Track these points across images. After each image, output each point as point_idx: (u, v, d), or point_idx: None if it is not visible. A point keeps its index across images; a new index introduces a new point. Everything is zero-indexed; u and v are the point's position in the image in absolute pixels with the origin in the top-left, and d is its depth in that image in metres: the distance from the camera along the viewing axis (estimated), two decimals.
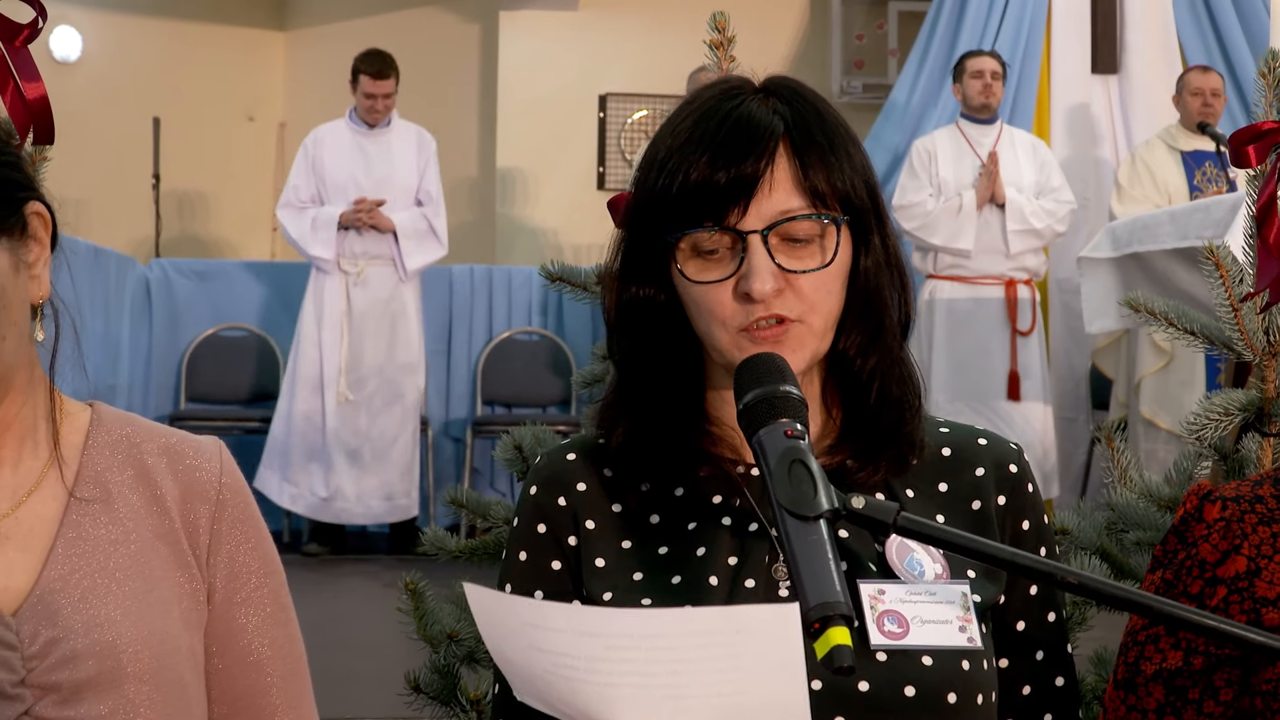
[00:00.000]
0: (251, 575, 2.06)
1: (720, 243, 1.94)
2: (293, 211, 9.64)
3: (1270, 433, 3.45)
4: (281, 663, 2.08)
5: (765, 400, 1.81)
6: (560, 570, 2.03)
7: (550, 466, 2.08)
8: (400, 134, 9.81)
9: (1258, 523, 2.04)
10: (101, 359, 9.46)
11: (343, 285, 9.57)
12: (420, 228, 9.61)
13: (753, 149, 1.92)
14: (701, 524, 2.00)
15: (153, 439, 2.06)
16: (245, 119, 13.89)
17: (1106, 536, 3.68)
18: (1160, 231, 7.31)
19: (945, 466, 2.07)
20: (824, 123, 1.97)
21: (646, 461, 2.02)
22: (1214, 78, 9.75)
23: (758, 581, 1.96)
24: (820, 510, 1.70)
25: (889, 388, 2.01)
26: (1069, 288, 9.96)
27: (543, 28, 12.92)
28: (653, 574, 1.98)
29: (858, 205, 1.98)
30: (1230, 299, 3.43)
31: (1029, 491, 2.09)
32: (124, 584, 1.95)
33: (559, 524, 2.04)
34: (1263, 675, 1.99)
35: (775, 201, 1.93)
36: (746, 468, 2.02)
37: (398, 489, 9.65)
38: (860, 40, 13.01)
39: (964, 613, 1.94)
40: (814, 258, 1.94)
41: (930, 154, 9.73)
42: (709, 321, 1.95)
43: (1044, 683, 2.09)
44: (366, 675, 6.66)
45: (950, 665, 1.92)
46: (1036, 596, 2.07)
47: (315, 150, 9.73)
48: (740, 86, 2.00)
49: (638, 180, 2.01)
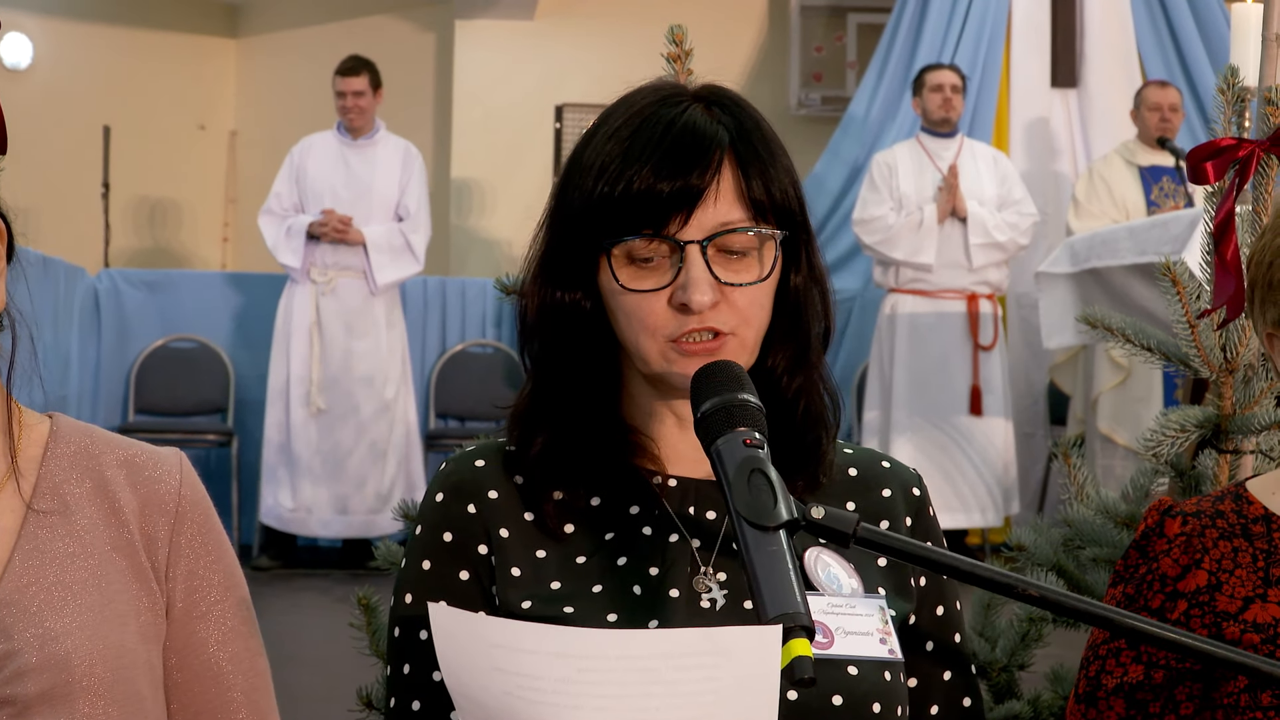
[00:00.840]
0: (212, 589, 2.03)
1: (657, 251, 1.92)
2: (273, 218, 9.64)
3: (1227, 449, 3.45)
4: (244, 677, 2.05)
5: (723, 409, 1.79)
6: (468, 580, 1.99)
7: (458, 473, 2.04)
8: (386, 146, 9.83)
9: (1219, 537, 2.06)
10: (50, 370, 9.37)
11: (312, 295, 9.55)
12: (396, 243, 9.61)
13: (699, 160, 1.91)
14: (620, 534, 1.98)
15: (112, 450, 2.03)
16: (196, 127, 13.84)
17: (1063, 553, 3.67)
18: (1119, 247, 7.31)
19: (853, 486, 2.08)
20: (764, 135, 1.97)
21: (563, 470, 1.99)
22: (1172, 93, 9.76)
23: (681, 592, 1.94)
24: (780, 520, 1.68)
25: (813, 405, 2.01)
26: (1027, 303, 9.97)
27: (499, 38, 12.89)
28: (572, 583, 1.95)
29: (792, 219, 1.97)
30: (1187, 315, 3.45)
31: (930, 515, 2.12)
32: (81, 597, 1.92)
33: (468, 532, 2.00)
34: (1224, 689, 2.00)
35: (717, 213, 1.91)
36: (664, 478, 2.01)
37: (353, 503, 9.59)
38: (819, 53, 13.00)
39: (883, 625, 1.96)
40: (750, 271, 1.93)
41: (890, 167, 9.72)
42: (638, 331, 1.93)
43: (951, 702, 2.10)
44: (317, 691, 6.59)
45: (874, 676, 1.92)
46: (944, 617, 2.09)
47: (301, 159, 9.75)
48: (678, 93, 1.98)
49: (567, 183, 1.98)
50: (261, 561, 9.65)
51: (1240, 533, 2.06)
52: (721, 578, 1.95)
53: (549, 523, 1.98)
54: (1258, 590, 2.02)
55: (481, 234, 12.91)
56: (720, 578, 1.95)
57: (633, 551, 1.96)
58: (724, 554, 1.97)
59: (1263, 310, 2.13)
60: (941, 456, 9.40)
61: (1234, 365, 3.43)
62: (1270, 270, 2.09)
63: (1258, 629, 1.99)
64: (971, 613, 3.89)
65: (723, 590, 1.95)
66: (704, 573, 1.95)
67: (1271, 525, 2.06)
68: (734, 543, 1.95)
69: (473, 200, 12.98)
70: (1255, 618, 2.00)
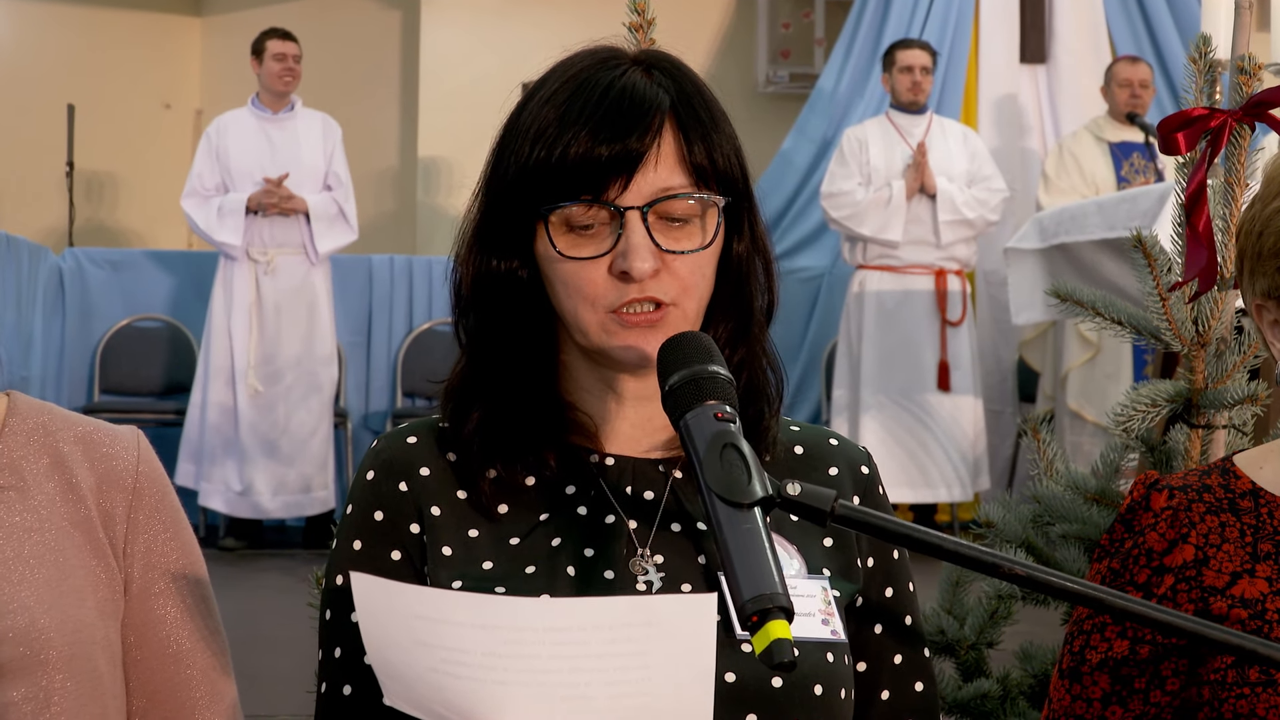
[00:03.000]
0: (170, 566, 2.02)
1: (596, 218, 1.86)
2: (198, 200, 9.54)
3: (1198, 424, 3.43)
4: (202, 655, 2.03)
5: (692, 381, 1.72)
6: (400, 560, 1.94)
7: (390, 450, 2.00)
8: (305, 120, 9.78)
9: (1205, 511, 2.04)
10: (14, 350, 9.32)
11: (252, 274, 9.49)
12: (330, 211, 9.57)
13: (638, 123, 1.85)
14: (554, 514, 1.93)
15: (69, 427, 2.02)
16: (161, 106, 13.78)
17: (1032, 529, 3.65)
18: (1088, 222, 7.30)
19: (798, 464, 2.03)
20: (705, 99, 1.92)
21: (497, 447, 1.93)
22: (1142, 68, 9.76)
23: (617, 574, 1.89)
24: (755, 497, 1.62)
25: (755, 380, 1.96)
26: (996, 279, 9.97)
27: (464, 16, 12.85)
28: (505, 563, 1.90)
29: (735, 186, 1.92)
30: (1159, 288, 3.44)
31: (880, 494, 2.08)
32: (37, 571, 1.91)
33: (400, 511, 1.95)
34: (1210, 665, 1.98)
35: (658, 178, 1.86)
36: (601, 457, 1.96)
37: (315, 481, 9.57)
38: (786, 29, 12.97)
39: (825, 606, 1.92)
40: (692, 239, 1.89)
41: (861, 143, 9.72)
42: (577, 301, 1.88)
43: (902, 687, 2.06)
44: (280, 672, 6.56)
45: (815, 657, 1.88)
46: (894, 598, 2.05)
47: (219, 139, 9.65)
48: (617, 56, 1.93)
49: (502, 148, 1.93)
50: (227, 542, 9.60)
51: (1228, 507, 2.04)
52: (659, 560, 1.91)
53: (483, 500, 1.93)
54: (1245, 565, 2.00)
55: (448, 212, 12.87)
56: (658, 560, 1.91)
57: (568, 533, 1.91)
58: (662, 536, 1.92)
59: (1251, 280, 2.09)
60: (909, 434, 9.40)
61: (1206, 338, 3.41)
62: (1260, 240, 2.06)
63: (1245, 604, 1.97)
64: (939, 590, 3.87)
65: (660, 573, 1.90)
66: (641, 554, 1.91)
67: (1259, 500, 2.04)
68: (694, 522, 1.93)
69: (439, 178, 12.95)
70: (1243, 593, 1.98)
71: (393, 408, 10.11)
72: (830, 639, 1.89)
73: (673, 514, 1.94)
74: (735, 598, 1.56)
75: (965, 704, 3.62)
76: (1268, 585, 1.98)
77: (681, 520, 1.93)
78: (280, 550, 9.73)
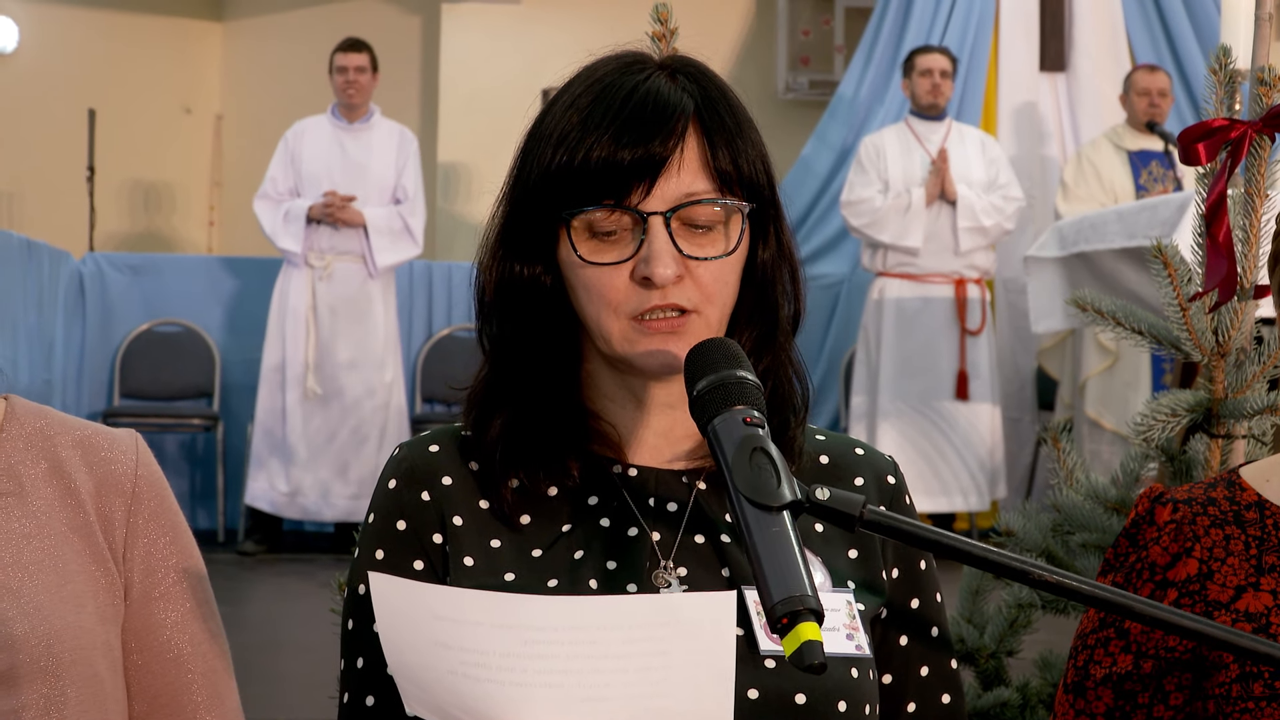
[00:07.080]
0: (170, 570, 2.00)
1: (619, 223, 1.84)
2: (269, 203, 9.58)
3: (1218, 434, 3.43)
4: (202, 659, 2.03)
5: (720, 386, 1.71)
6: (422, 570, 1.92)
7: (412, 459, 1.98)
8: (382, 130, 9.79)
9: (1210, 525, 2.03)
10: (35, 354, 9.34)
11: (309, 280, 9.50)
12: (395, 225, 9.57)
13: (661, 128, 1.83)
14: (577, 525, 1.91)
15: (67, 432, 2.00)
16: (182, 111, 13.79)
17: (1052, 538, 3.65)
18: (1107, 231, 7.29)
19: (823, 474, 2.00)
20: (731, 105, 1.89)
21: (520, 456, 1.91)
22: (1161, 77, 9.75)
23: (639, 587, 1.88)
24: (784, 500, 1.61)
25: (781, 389, 1.94)
26: (1015, 287, 9.96)
27: (485, 21, 12.85)
28: (526, 575, 1.88)
29: (760, 193, 1.89)
30: (1179, 298, 3.44)
31: (906, 504, 2.05)
32: (37, 578, 1.90)
33: (422, 521, 1.93)
34: (1215, 679, 1.97)
35: (681, 184, 1.83)
36: (624, 467, 1.94)
37: (366, 487, 9.56)
38: (806, 36, 12.97)
39: (850, 620, 1.90)
40: (716, 245, 1.86)
41: (879, 150, 9.71)
42: (600, 307, 1.85)
43: (928, 699, 2.03)
44: (299, 676, 6.58)
45: (840, 673, 1.86)
46: (920, 610, 2.02)
47: (295, 143, 9.70)
48: (642, 60, 1.91)
49: (526, 153, 1.90)
50: (247, 546, 9.58)
51: (1233, 520, 2.02)
52: (682, 572, 1.89)
53: (505, 510, 1.91)
54: (1250, 579, 1.99)
55: (468, 218, 12.87)
56: (680, 572, 1.89)
57: (590, 544, 1.90)
58: (685, 547, 1.91)
59: None
60: (927, 441, 9.39)
61: (1226, 348, 3.41)
62: None
63: (1249, 618, 1.96)
64: (959, 599, 3.87)
65: (683, 585, 1.88)
66: (664, 567, 1.89)
67: (1265, 512, 2.03)
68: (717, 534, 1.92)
69: (459, 184, 12.95)
70: (1247, 607, 1.97)
71: (412, 413, 10.12)
72: (855, 654, 1.87)
73: (696, 526, 1.92)
74: (765, 600, 1.54)
75: (985, 712, 3.63)
76: (1272, 599, 1.98)
77: (705, 532, 1.92)
78: (301, 555, 9.73)
